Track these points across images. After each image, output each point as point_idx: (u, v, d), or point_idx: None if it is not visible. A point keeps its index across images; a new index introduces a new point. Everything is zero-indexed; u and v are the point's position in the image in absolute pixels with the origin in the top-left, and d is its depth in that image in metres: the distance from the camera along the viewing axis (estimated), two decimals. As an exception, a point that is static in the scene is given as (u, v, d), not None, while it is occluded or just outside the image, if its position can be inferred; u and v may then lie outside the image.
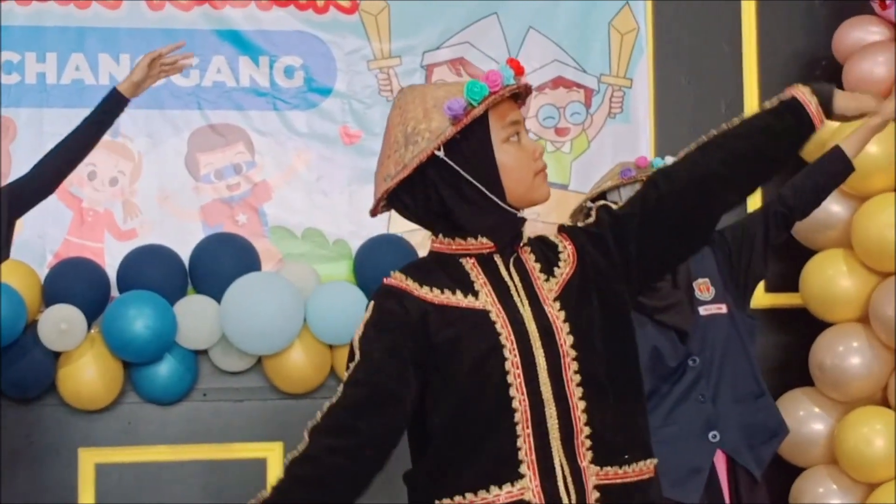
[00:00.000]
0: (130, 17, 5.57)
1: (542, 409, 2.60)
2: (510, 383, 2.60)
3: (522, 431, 2.60)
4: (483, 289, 2.67)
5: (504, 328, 2.63)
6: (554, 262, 2.73)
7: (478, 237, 2.68)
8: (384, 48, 5.72)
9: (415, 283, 2.66)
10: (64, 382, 5.26)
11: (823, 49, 5.79)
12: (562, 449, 2.61)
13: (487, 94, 2.61)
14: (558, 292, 2.68)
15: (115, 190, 5.53)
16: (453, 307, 2.65)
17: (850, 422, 5.31)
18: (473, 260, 2.70)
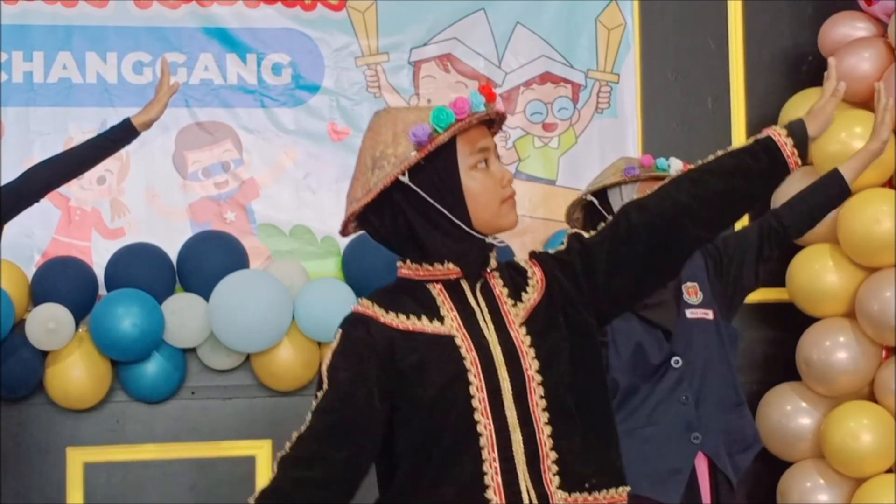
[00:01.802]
0: (117, 16, 5.55)
1: (508, 435, 2.61)
2: (475, 408, 2.60)
3: (488, 456, 2.60)
4: (449, 314, 2.67)
5: (469, 353, 2.63)
6: (522, 288, 2.73)
7: (444, 263, 2.68)
8: (372, 45, 5.71)
9: (381, 309, 2.67)
10: (52, 381, 5.26)
11: (809, 45, 5.81)
12: (528, 474, 2.61)
13: (453, 121, 2.62)
14: (525, 317, 2.70)
15: (103, 188, 5.52)
16: (418, 333, 2.65)
17: (837, 416, 5.32)
18: (440, 286, 2.70)
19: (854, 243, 5.31)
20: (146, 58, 5.57)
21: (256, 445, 5.50)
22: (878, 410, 5.32)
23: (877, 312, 5.24)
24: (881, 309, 5.23)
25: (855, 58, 5.42)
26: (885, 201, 5.28)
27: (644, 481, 4.03)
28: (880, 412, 5.32)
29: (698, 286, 4.20)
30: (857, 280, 5.37)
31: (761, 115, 5.88)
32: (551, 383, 2.66)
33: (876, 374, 5.38)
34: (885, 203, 5.27)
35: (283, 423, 5.50)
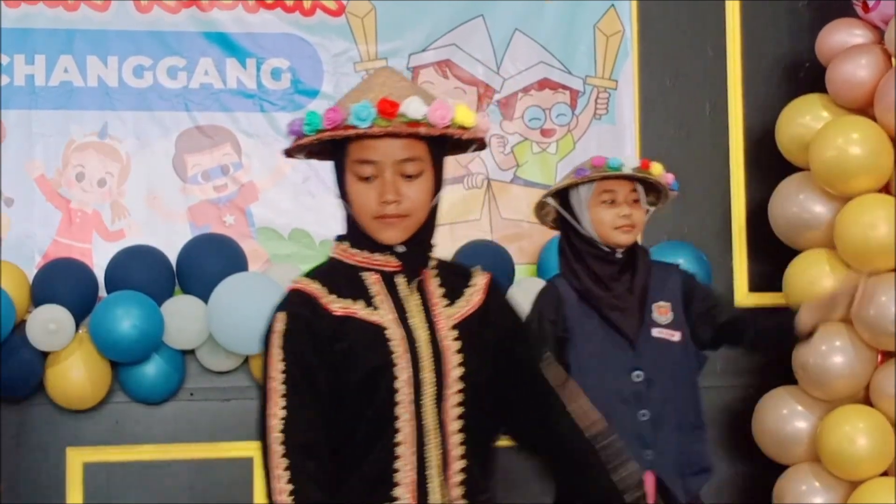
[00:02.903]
0: (119, 19, 5.58)
1: (424, 435, 2.62)
2: (398, 401, 2.61)
3: (404, 452, 2.61)
4: (383, 305, 2.67)
5: (399, 346, 2.64)
6: (458, 292, 2.76)
7: (385, 253, 2.69)
8: (370, 50, 5.74)
9: (323, 289, 2.66)
10: (52, 382, 5.28)
11: (807, 51, 5.81)
12: (438, 478, 2.63)
13: (317, 130, 2.61)
14: (457, 321, 2.72)
15: (104, 191, 5.55)
16: (353, 318, 2.65)
17: (833, 420, 5.32)
18: (377, 275, 2.70)
19: (850, 248, 5.31)
20: (147, 61, 5.60)
21: (255, 447, 5.33)
22: (874, 414, 5.32)
23: (872, 317, 5.25)
24: (877, 314, 5.24)
25: (852, 64, 5.44)
26: (882, 207, 5.28)
27: None
28: (876, 416, 5.32)
29: (670, 306, 4.17)
30: (853, 285, 5.36)
31: (759, 122, 5.92)
32: (471, 391, 2.67)
33: (871, 379, 5.39)
34: (882, 208, 5.28)
35: (281, 424, 5.52)
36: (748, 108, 5.98)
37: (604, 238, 4.12)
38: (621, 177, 4.12)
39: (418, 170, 2.65)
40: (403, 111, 2.59)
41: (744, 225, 5.93)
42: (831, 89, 5.52)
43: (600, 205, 4.13)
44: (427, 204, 2.68)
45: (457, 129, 2.65)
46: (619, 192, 4.13)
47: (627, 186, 4.14)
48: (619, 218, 4.10)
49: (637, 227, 4.15)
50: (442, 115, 2.61)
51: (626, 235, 4.12)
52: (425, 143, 2.66)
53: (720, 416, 5.88)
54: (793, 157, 5.62)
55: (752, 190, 5.93)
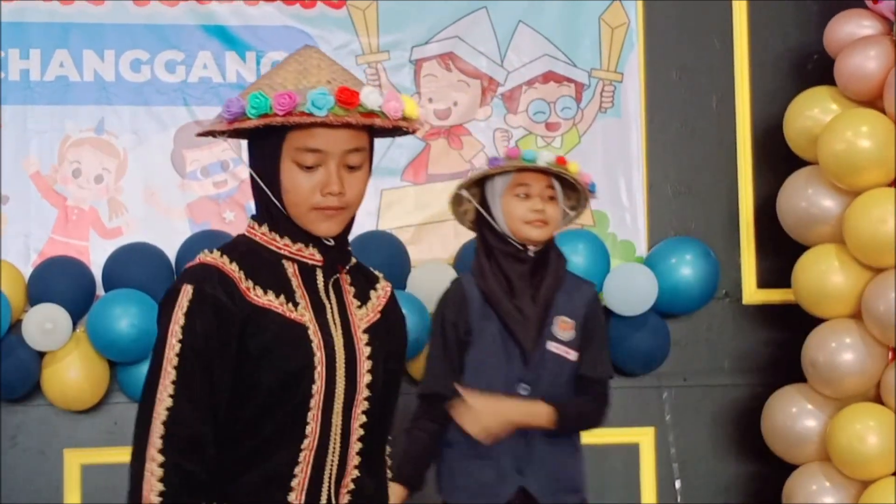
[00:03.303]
0: (115, 13, 5.53)
1: (328, 442, 2.57)
2: (311, 407, 2.55)
3: (304, 458, 2.55)
4: (302, 301, 2.59)
5: (319, 349, 2.56)
6: (366, 296, 2.72)
7: (309, 246, 2.60)
8: (372, 43, 5.69)
9: (240, 272, 2.55)
10: (49, 382, 5.23)
11: (815, 43, 5.77)
12: (332, 485, 2.59)
13: (264, 113, 2.50)
14: (368, 324, 2.67)
15: (101, 187, 5.50)
16: (272, 312, 2.55)
17: (843, 418, 5.29)
18: (296, 267, 2.61)
19: (859, 244, 5.27)
20: (144, 56, 5.55)
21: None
22: (885, 412, 5.29)
23: (883, 313, 5.21)
24: (887, 310, 5.19)
25: (860, 56, 5.40)
26: (891, 201, 5.24)
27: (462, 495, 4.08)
28: (886, 414, 5.29)
29: (574, 324, 4.12)
30: (862, 281, 5.34)
31: (766, 114, 5.90)
32: (374, 399, 2.63)
33: (882, 376, 5.35)
34: (891, 203, 5.24)
35: (281, 424, 5.48)
36: (755, 101, 5.94)
37: (514, 232, 4.07)
38: (537, 170, 4.07)
39: (361, 161, 2.59)
40: (363, 101, 2.51)
41: (751, 220, 5.90)
42: (840, 82, 5.48)
43: (514, 198, 4.08)
44: (362, 197, 2.63)
45: (405, 122, 2.60)
46: (533, 186, 4.08)
47: (543, 181, 4.09)
48: (531, 212, 4.05)
49: (550, 223, 4.09)
50: (395, 108, 2.56)
51: (538, 231, 4.06)
52: (368, 134, 2.61)
53: (729, 415, 5.89)
54: (801, 150, 5.59)
55: (760, 184, 5.90)
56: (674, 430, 5.80)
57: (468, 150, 5.68)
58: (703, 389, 5.83)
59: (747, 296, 5.91)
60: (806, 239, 5.55)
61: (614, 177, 5.79)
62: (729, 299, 5.88)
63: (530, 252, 4.09)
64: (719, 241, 5.84)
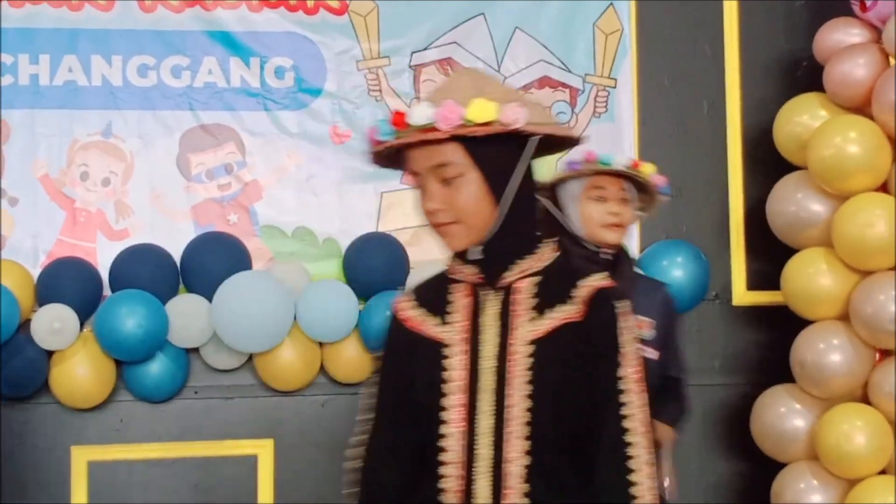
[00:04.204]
0: (122, 19, 5.57)
1: (474, 459, 2.58)
2: (448, 421, 2.59)
3: (454, 472, 2.59)
4: (458, 321, 2.64)
5: (457, 368, 2.60)
6: (554, 302, 2.64)
7: (469, 264, 2.65)
8: (373, 48, 5.73)
9: (411, 303, 2.71)
10: (57, 381, 5.28)
11: (804, 50, 5.81)
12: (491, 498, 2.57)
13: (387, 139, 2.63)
14: (541, 335, 2.61)
15: (108, 190, 5.54)
16: (422, 335, 2.67)
17: (831, 418, 5.32)
18: (463, 286, 2.67)
19: (848, 247, 5.31)
20: (151, 61, 5.59)
21: (258, 445, 5.53)
22: (872, 412, 5.33)
23: (870, 315, 5.24)
24: (875, 312, 5.23)
25: (850, 63, 5.43)
26: (879, 205, 5.28)
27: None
28: (874, 414, 5.32)
29: (652, 324, 4.16)
30: (850, 283, 5.37)
31: (757, 120, 5.94)
32: (539, 415, 2.57)
33: (869, 377, 5.39)
34: (879, 207, 5.27)
35: (284, 422, 5.54)
36: (746, 107, 5.99)
37: (591, 236, 4.08)
38: (613, 173, 4.09)
39: (455, 173, 2.57)
40: (409, 120, 2.56)
41: (742, 223, 5.95)
42: (829, 88, 5.52)
43: (590, 201, 4.09)
44: (480, 206, 2.59)
45: (474, 126, 2.53)
46: (609, 189, 4.10)
47: (617, 184, 4.12)
48: (609, 215, 4.07)
49: (625, 226, 4.11)
50: (445, 117, 2.53)
51: (614, 234, 4.08)
52: (461, 145, 2.57)
53: (718, 414, 5.94)
54: (790, 155, 5.62)
55: (750, 188, 5.94)
56: (665, 429, 5.84)
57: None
58: (694, 389, 5.73)
59: (737, 297, 5.96)
60: (795, 242, 5.58)
61: (608, 180, 5.84)
62: (719, 301, 5.93)
63: (604, 255, 4.08)
64: (710, 244, 5.89)
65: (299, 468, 5.54)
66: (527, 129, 2.58)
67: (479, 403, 2.59)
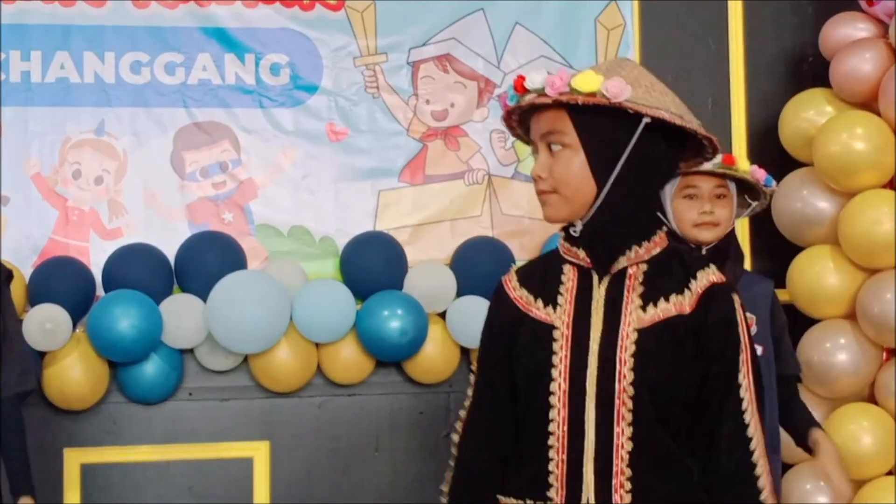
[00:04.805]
0: (115, 15, 5.53)
1: (582, 442, 2.57)
2: (552, 405, 2.59)
3: (557, 456, 2.58)
4: (566, 303, 2.65)
5: (563, 349, 2.60)
6: (671, 291, 2.65)
7: (581, 248, 2.66)
8: (370, 45, 5.70)
9: (517, 282, 2.74)
10: (49, 382, 5.24)
11: (810, 46, 5.80)
12: (594, 487, 2.57)
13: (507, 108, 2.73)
14: (646, 325, 2.62)
15: (101, 189, 5.51)
16: (529, 315, 2.67)
17: (838, 419, 5.31)
18: (575, 269, 2.68)
19: (854, 245, 5.29)
20: (144, 57, 5.55)
21: (254, 447, 5.49)
22: (879, 412, 5.32)
23: (877, 314, 5.23)
24: (882, 311, 5.21)
25: (856, 59, 5.42)
26: (886, 203, 5.26)
27: None
28: (881, 414, 5.31)
29: (756, 319, 4.11)
30: (857, 282, 5.36)
31: (762, 117, 5.90)
32: (644, 399, 2.57)
33: (876, 376, 5.38)
34: (886, 204, 5.26)
35: (280, 424, 5.51)
36: (751, 103, 5.95)
37: (684, 234, 4.07)
38: (702, 172, 4.04)
39: (560, 141, 2.61)
40: (527, 84, 2.64)
41: (747, 220, 5.89)
42: (835, 84, 5.50)
43: (682, 199, 4.07)
44: (577, 180, 2.62)
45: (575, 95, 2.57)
46: (701, 188, 4.06)
47: (712, 182, 4.06)
48: (700, 214, 4.04)
49: (721, 224, 4.07)
50: (552, 82, 2.59)
51: (708, 233, 4.05)
52: (570, 116, 2.61)
53: (723, 414, 5.86)
54: (796, 152, 5.60)
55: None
56: (669, 430, 5.80)
57: (465, 151, 5.69)
58: None
59: (743, 295, 5.91)
60: (801, 240, 5.56)
61: (611, 178, 5.80)
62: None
63: (703, 251, 4.06)
64: (715, 242, 5.84)
65: (295, 470, 5.51)
66: (633, 107, 2.58)
67: (587, 388, 2.59)
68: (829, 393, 5.39)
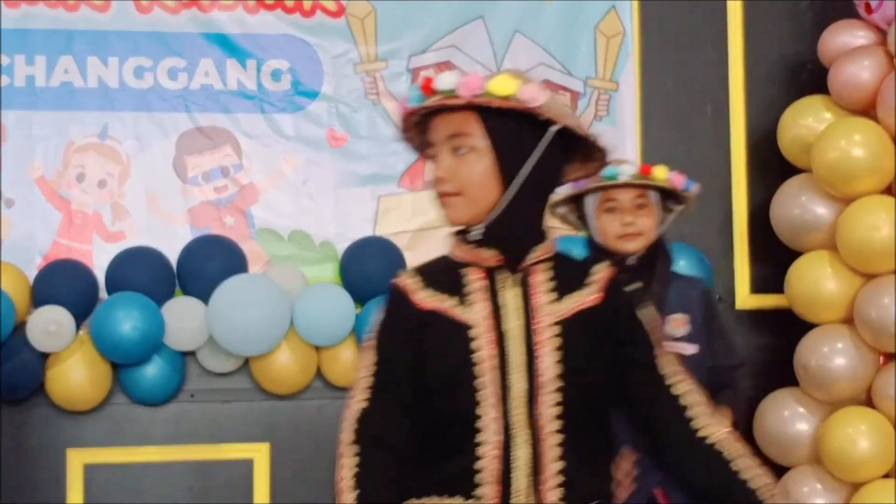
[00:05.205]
0: (119, 20, 5.57)
1: (511, 437, 2.55)
2: (479, 401, 2.56)
3: (485, 454, 2.56)
4: (477, 302, 2.62)
5: (485, 347, 2.58)
6: (572, 287, 2.67)
7: (486, 248, 2.63)
8: (370, 52, 5.73)
9: (417, 283, 2.65)
10: (52, 383, 5.27)
11: (809, 53, 5.78)
12: (526, 481, 2.56)
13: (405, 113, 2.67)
14: (563, 317, 2.63)
15: (104, 192, 5.54)
16: (440, 314, 2.62)
17: (835, 422, 5.30)
18: (480, 272, 2.65)
19: (852, 250, 5.29)
20: (147, 62, 5.60)
21: (255, 448, 5.51)
22: (876, 416, 5.30)
23: (875, 319, 5.22)
24: (879, 315, 5.21)
25: (855, 66, 5.41)
26: (884, 208, 5.26)
27: None
28: (878, 418, 5.29)
29: (687, 318, 4.12)
30: (855, 287, 5.35)
31: (761, 123, 5.90)
32: (572, 392, 2.58)
33: (873, 380, 5.36)
34: (884, 210, 5.25)
35: (281, 426, 5.53)
36: (750, 110, 5.96)
37: (610, 247, 4.08)
38: (618, 185, 4.08)
39: (468, 144, 2.59)
40: (436, 85, 2.59)
41: (745, 227, 5.92)
42: (833, 91, 5.50)
43: (604, 213, 4.10)
44: (484, 183, 2.60)
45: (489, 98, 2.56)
46: (621, 200, 4.08)
47: (632, 193, 4.09)
48: (622, 226, 4.07)
49: (645, 233, 4.08)
50: (467, 84, 2.56)
51: (632, 243, 4.07)
52: (480, 119, 2.59)
53: (722, 418, 5.86)
54: (795, 158, 5.60)
55: (754, 191, 5.91)
56: (668, 434, 5.80)
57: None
58: None
59: (740, 301, 5.92)
60: (799, 245, 5.56)
61: (610, 185, 5.82)
62: (722, 304, 5.84)
63: (630, 260, 4.07)
64: (713, 247, 5.85)
65: (295, 472, 5.52)
66: (546, 113, 2.59)
67: (512, 382, 2.57)
68: (826, 397, 5.38)
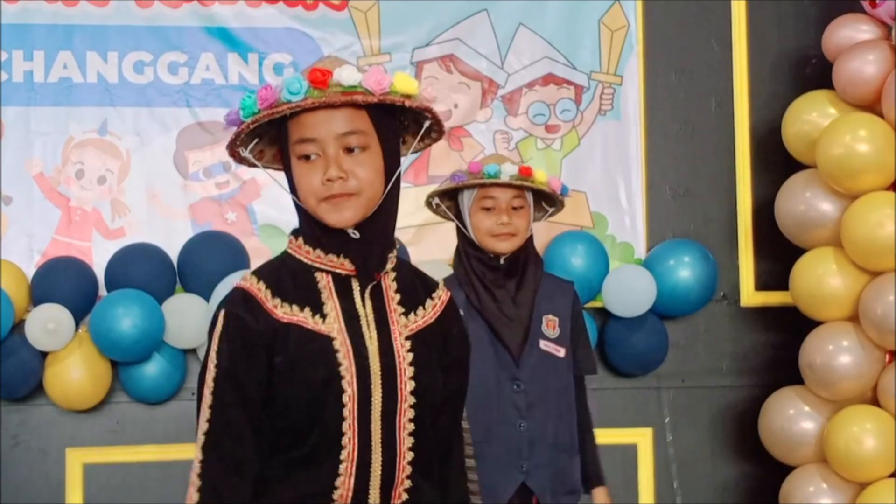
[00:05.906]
0: (118, 15, 5.54)
1: (369, 452, 2.50)
2: (344, 417, 2.48)
3: (345, 471, 2.49)
4: (332, 312, 2.51)
5: (346, 359, 2.49)
6: (420, 301, 2.63)
7: (340, 256, 2.52)
8: (374, 45, 5.70)
9: (268, 291, 2.50)
10: (52, 382, 5.24)
11: (813, 47, 5.78)
12: (380, 495, 2.51)
13: (256, 112, 2.49)
14: (413, 331, 2.58)
15: (104, 188, 5.51)
16: (297, 326, 2.49)
17: (840, 420, 5.30)
18: (329, 277, 2.53)
19: (857, 247, 5.28)
20: (147, 57, 5.56)
21: (256, 447, 5.47)
22: (881, 415, 5.30)
23: (880, 316, 5.21)
24: (884, 313, 5.20)
25: (859, 60, 5.40)
26: (889, 205, 5.25)
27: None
28: (883, 416, 5.29)
29: (558, 321, 4.15)
30: (860, 284, 5.35)
31: (765, 118, 5.90)
32: (422, 406, 2.55)
33: (879, 379, 5.36)
34: (889, 207, 5.24)
35: (282, 424, 5.50)
36: (754, 105, 5.95)
37: (483, 244, 4.10)
38: (498, 184, 4.08)
39: (362, 143, 2.48)
40: (336, 79, 2.44)
41: (750, 222, 5.91)
42: (838, 86, 5.48)
43: (480, 211, 4.10)
44: (377, 182, 2.50)
45: (398, 97, 2.47)
46: (499, 199, 4.09)
47: (509, 193, 4.10)
48: (498, 225, 4.08)
49: (518, 234, 4.10)
50: (378, 81, 2.44)
51: (505, 243, 4.08)
52: (368, 115, 2.49)
53: (726, 417, 5.90)
54: (799, 154, 5.59)
55: (759, 187, 5.90)
56: (672, 431, 5.81)
57: (468, 151, 5.68)
58: (701, 391, 5.85)
59: (745, 298, 5.92)
60: (804, 242, 5.55)
61: (613, 179, 5.81)
62: (727, 301, 5.89)
63: (501, 260, 4.11)
64: (718, 244, 5.85)
65: (297, 471, 5.48)
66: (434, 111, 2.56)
67: (372, 400, 2.50)
68: (831, 395, 5.38)
